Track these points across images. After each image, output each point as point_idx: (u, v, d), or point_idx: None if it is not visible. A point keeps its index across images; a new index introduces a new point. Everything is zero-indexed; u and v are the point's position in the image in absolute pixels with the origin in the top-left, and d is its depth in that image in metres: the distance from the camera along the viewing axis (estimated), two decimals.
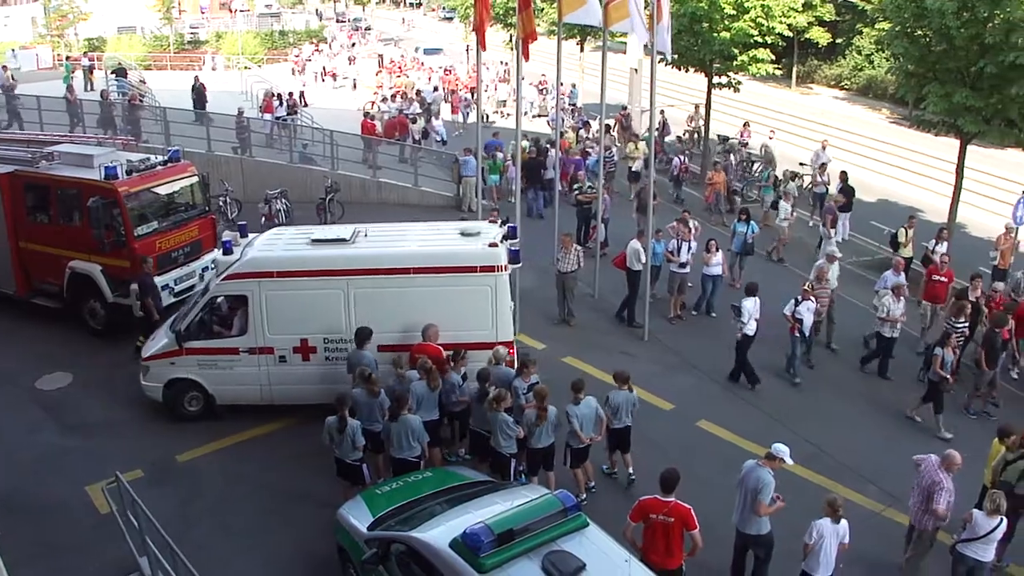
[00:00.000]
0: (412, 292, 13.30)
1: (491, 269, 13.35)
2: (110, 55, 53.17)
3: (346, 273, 13.28)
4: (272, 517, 11.87)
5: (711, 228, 22.51)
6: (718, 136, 31.22)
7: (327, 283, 13.28)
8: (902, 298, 16.13)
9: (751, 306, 15.43)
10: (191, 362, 13.61)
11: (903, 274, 17.32)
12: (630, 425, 12.43)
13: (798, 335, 15.82)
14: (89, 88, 34.13)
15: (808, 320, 15.85)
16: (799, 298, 15.84)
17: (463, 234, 14.10)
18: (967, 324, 16.12)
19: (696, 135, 32.70)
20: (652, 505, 9.48)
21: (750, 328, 15.43)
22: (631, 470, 12.56)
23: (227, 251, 13.78)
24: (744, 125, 32.56)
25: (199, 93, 32.57)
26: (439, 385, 12.15)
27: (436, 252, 13.68)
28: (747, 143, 30.89)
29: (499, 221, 14.72)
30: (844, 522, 9.69)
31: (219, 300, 13.76)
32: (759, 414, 14.70)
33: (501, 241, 13.78)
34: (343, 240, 13.92)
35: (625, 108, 34.99)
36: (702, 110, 31.15)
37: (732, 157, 28.83)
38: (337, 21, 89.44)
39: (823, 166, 25.67)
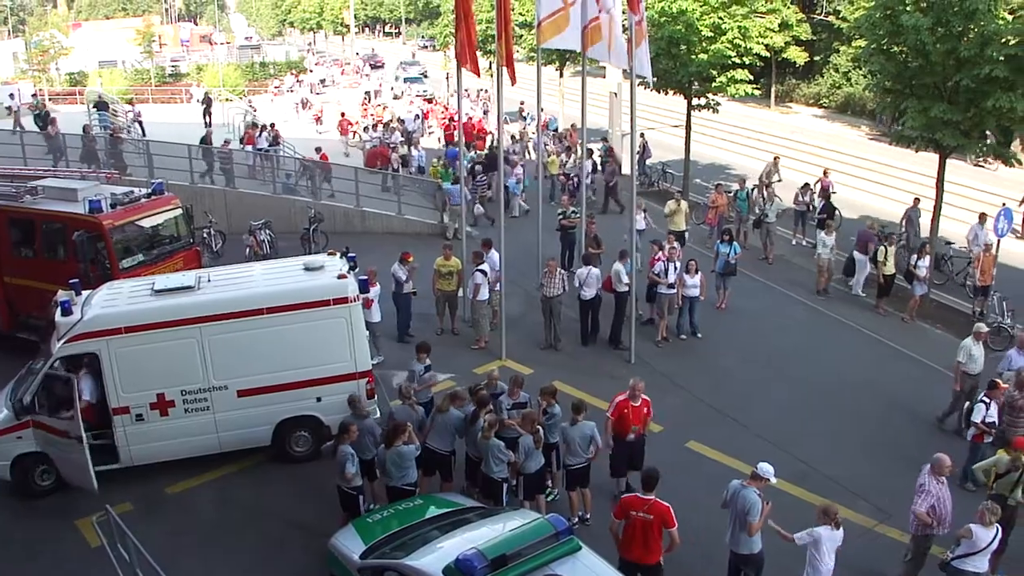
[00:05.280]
0: (268, 332, 13.05)
1: (344, 300, 13.30)
2: (91, 89, 53.18)
3: (198, 321, 12.82)
4: (263, 547, 11.80)
5: (694, 249, 22.59)
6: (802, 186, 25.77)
7: (179, 333, 12.76)
8: None
9: (583, 274, 17.73)
10: (40, 433, 12.71)
11: None
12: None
13: (988, 442, 13.04)
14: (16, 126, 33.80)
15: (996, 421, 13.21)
16: (987, 399, 13.04)
17: (307, 269, 13.95)
18: None
19: (769, 190, 26.65)
20: (633, 502, 9.78)
21: (585, 294, 17.76)
22: (588, 513, 12.18)
23: (66, 311, 12.78)
24: (824, 173, 26.72)
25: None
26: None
27: (288, 289, 13.47)
28: (829, 191, 25.59)
29: (339, 253, 14.59)
30: (841, 529, 9.79)
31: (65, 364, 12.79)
32: (748, 434, 14.71)
33: (348, 272, 13.78)
34: (188, 288, 13.34)
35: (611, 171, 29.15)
36: (779, 164, 27.71)
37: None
38: (372, 67, 74.90)
39: (805, 185, 25.61)
